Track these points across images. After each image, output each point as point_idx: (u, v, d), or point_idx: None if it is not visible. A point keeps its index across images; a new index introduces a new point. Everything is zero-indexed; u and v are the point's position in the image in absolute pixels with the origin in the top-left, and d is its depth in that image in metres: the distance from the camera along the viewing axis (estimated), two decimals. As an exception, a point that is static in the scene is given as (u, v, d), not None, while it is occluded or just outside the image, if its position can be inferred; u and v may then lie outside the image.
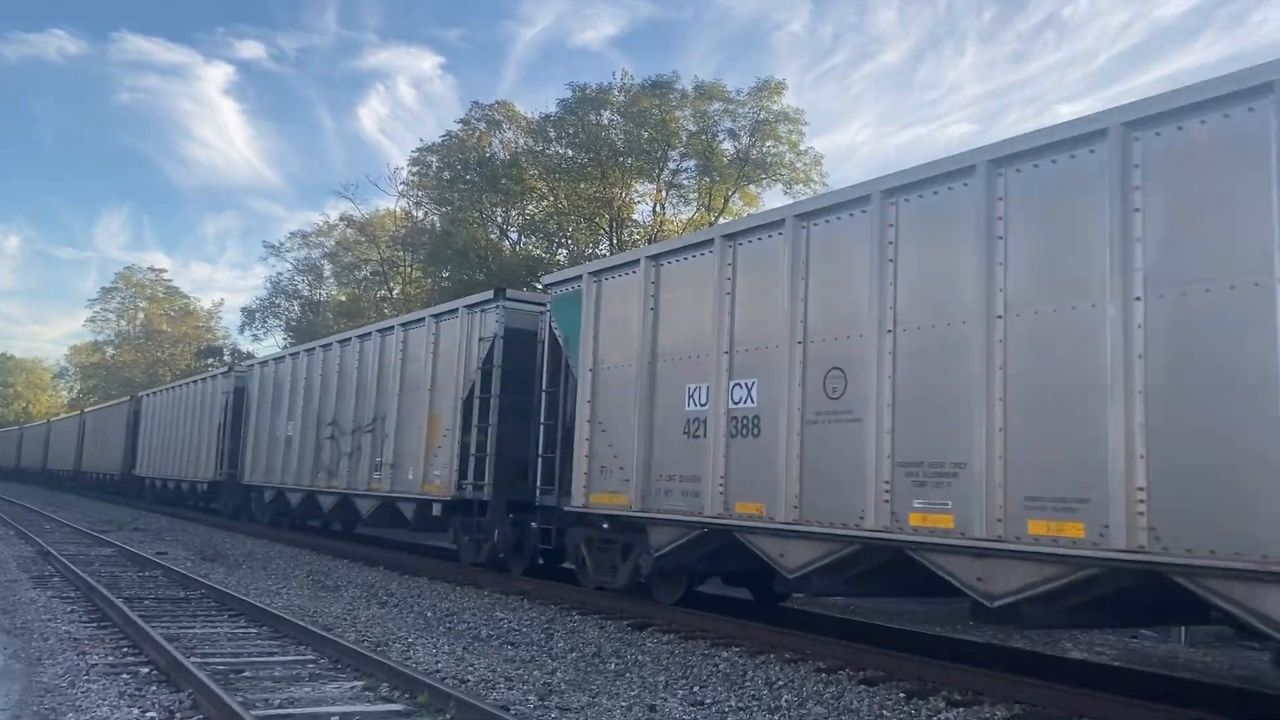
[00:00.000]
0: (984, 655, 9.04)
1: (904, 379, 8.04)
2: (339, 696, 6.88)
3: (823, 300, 8.93)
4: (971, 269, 7.57)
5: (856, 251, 8.56)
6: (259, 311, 54.77)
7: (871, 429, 8.17)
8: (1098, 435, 6.61)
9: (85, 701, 6.50)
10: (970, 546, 7.33)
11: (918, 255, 8.09)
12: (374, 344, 18.04)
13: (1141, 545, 6.31)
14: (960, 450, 7.47)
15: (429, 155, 39.85)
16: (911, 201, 8.21)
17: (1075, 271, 6.95)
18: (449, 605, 11.85)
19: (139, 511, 30.42)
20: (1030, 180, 7.32)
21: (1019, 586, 7.12)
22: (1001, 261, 7.38)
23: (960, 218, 7.75)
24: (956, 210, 7.80)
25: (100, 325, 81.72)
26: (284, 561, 16.64)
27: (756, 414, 9.45)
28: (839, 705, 7.22)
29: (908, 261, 8.15)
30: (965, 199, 7.73)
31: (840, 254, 8.81)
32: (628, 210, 35.07)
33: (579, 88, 33.66)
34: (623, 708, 6.80)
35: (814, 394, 8.82)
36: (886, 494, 8.01)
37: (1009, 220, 7.41)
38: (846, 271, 8.69)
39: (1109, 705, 6.90)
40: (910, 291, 8.10)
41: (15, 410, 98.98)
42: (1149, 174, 6.59)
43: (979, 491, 7.26)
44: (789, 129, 32.93)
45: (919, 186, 8.16)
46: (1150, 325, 6.46)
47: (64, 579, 13.22)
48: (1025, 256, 7.30)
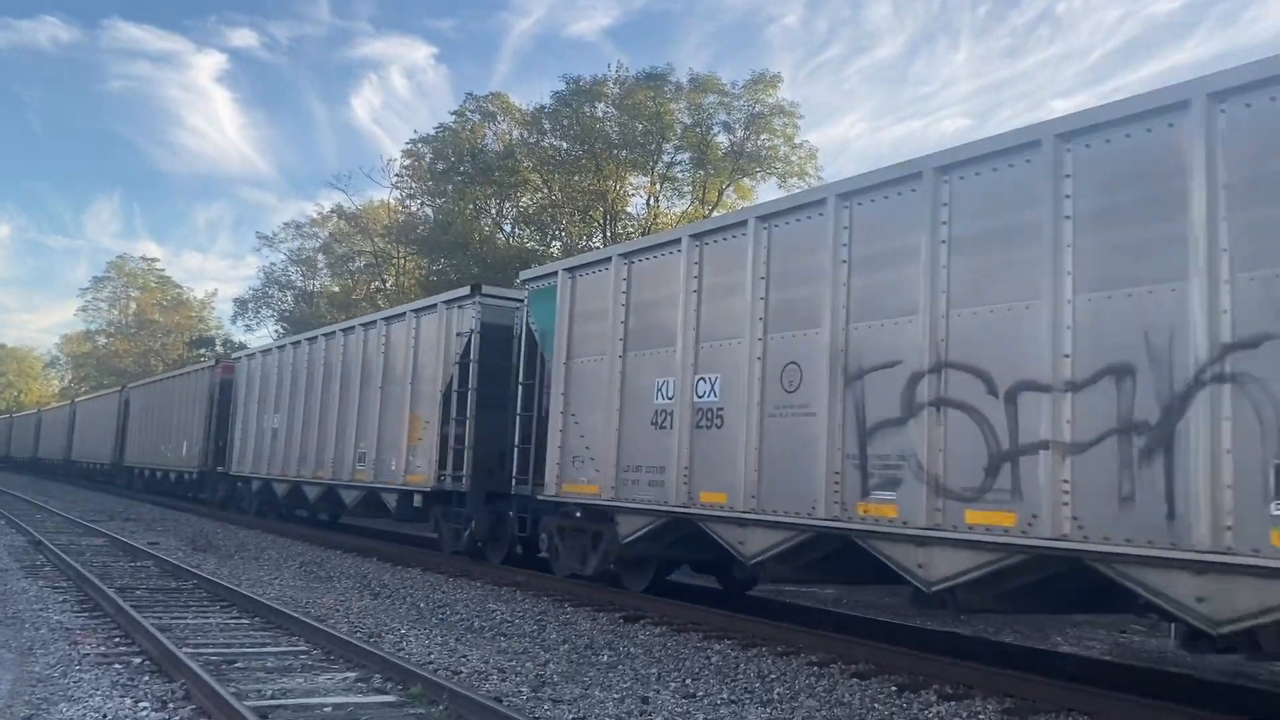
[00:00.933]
0: (975, 649, 9.08)
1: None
2: (332, 688, 6.89)
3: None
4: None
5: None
6: (252, 302, 54.70)
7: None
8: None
9: (77, 691, 6.49)
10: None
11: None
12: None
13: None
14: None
15: (423, 147, 39.77)
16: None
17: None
18: (442, 596, 11.86)
19: (130, 502, 30.37)
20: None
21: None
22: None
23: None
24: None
25: (92, 314, 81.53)
26: (276, 552, 16.63)
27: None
28: (831, 698, 7.24)
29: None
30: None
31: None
32: (622, 203, 35.06)
33: (573, 80, 33.63)
34: (615, 699, 6.82)
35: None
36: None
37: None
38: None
39: (1099, 700, 6.93)
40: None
41: (7, 399, 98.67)
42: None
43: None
44: (784, 122, 32.95)
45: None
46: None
47: (56, 569, 13.20)
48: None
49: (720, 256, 10.05)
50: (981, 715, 6.82)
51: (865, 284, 8.45)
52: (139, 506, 28.13)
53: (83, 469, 44.77)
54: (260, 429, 22.78)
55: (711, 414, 9.85)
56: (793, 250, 9.23)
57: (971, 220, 7.67)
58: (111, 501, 30.36)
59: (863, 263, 8.49)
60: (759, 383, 9.29)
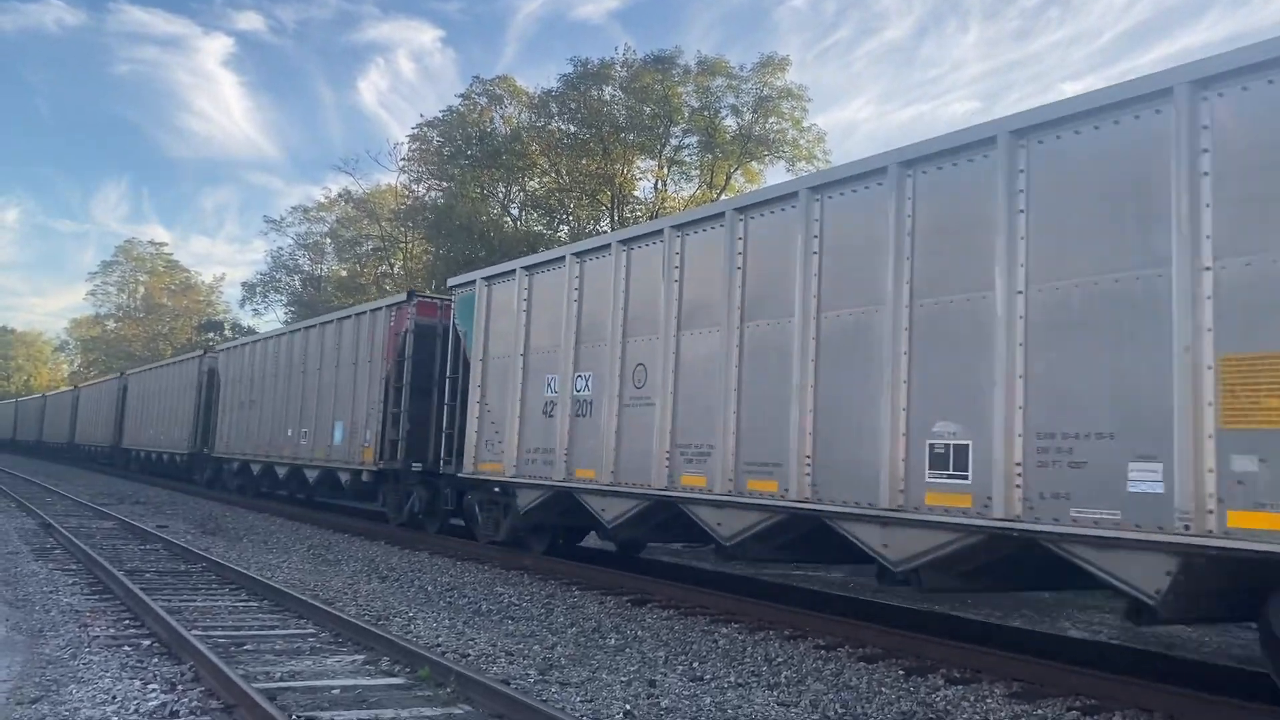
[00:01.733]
0: (983, 633, 9.08)
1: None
2: (340, 670, 6.91)
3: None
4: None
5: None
6: (260, 286, 54.81)
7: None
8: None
9: (87, 673, 6.52)
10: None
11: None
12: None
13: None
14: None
15: (430, 130, 39.71)
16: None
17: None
18: (449, 580, 11.89)
19: (139, 485, 30.51)
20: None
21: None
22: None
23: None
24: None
25: (101, 299, 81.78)
26: (284, 536, 16.69)
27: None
28: (838, 682, 7.25)
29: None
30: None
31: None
32: (629, 186, 34.99)
33: (580, 62, 33.55)
34: (623, 682, 6.83)
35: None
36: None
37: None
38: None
39: (1107, 683, 6.93)
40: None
41: (16, 383, 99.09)
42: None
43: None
44: (792, 105, 32.83)
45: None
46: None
47: (66, 551, 13.26)
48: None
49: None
50: (989, 699, 6.82)
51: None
52: (148, 490, 28.26)
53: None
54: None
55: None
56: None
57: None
58: (119, 485, 30.51)
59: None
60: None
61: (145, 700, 5.84)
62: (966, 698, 6.85)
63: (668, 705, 6.23)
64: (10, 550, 13.17)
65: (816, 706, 6.53)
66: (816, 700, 6.69)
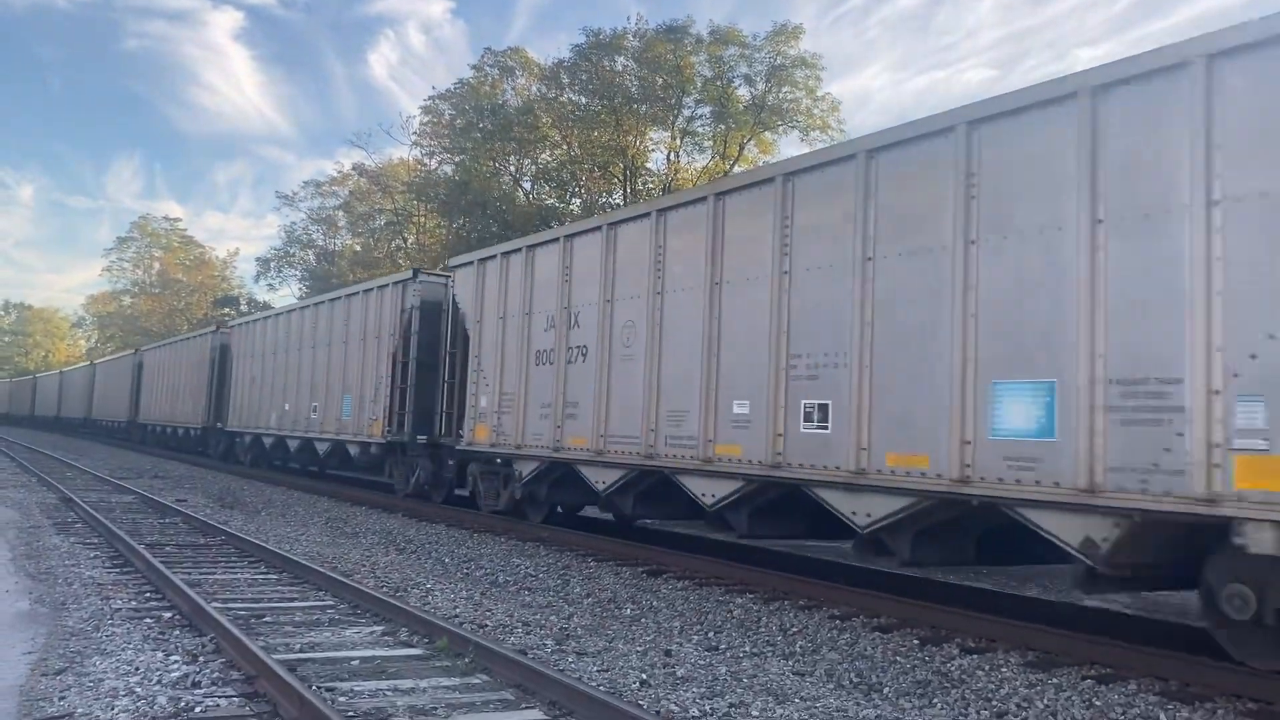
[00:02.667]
0: (998, 603, 9.10)
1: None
2: (359, 641, 6.98)
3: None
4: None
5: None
6: (274, 261, 54.90)
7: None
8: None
9: (110, 645, 6.60)
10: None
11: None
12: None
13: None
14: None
15: (441, 103, 39.56)
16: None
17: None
18: (466, 551, 11.97)
19: (157, 460, 30.78)
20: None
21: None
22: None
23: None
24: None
25: (117, 275, 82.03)
26: (302, 509, 16.82)
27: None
28: (853, 651, 7.28)
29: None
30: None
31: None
32: (642, 158, 34.81)
33: (592, 33, 33.27)
34: (639, 652, 6.88)
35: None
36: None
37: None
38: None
39: (1121, 652, 6.94)
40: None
41: (35, 359, 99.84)
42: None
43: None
44: (806, 74, 32.51)
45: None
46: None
47: (86, 525, 13.40)
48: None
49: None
50: (1004, 668, 6.84)
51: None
52: (165, 464, 28.50)
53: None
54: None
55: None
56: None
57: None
58: (138, 459, 30.77)
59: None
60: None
61: (168, 671, 5.92)
62: (981, 666, 6.87)
63: (683, 674, 6.28)
64: (32, 524, 13.32)
65: (831, 676, 6.57)
66: (831, 670, 6.72)
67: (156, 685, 5.63)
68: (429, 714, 5.27)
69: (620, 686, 5.92)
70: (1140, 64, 6.73)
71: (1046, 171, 7.14)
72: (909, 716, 5.62)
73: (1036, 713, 5.86)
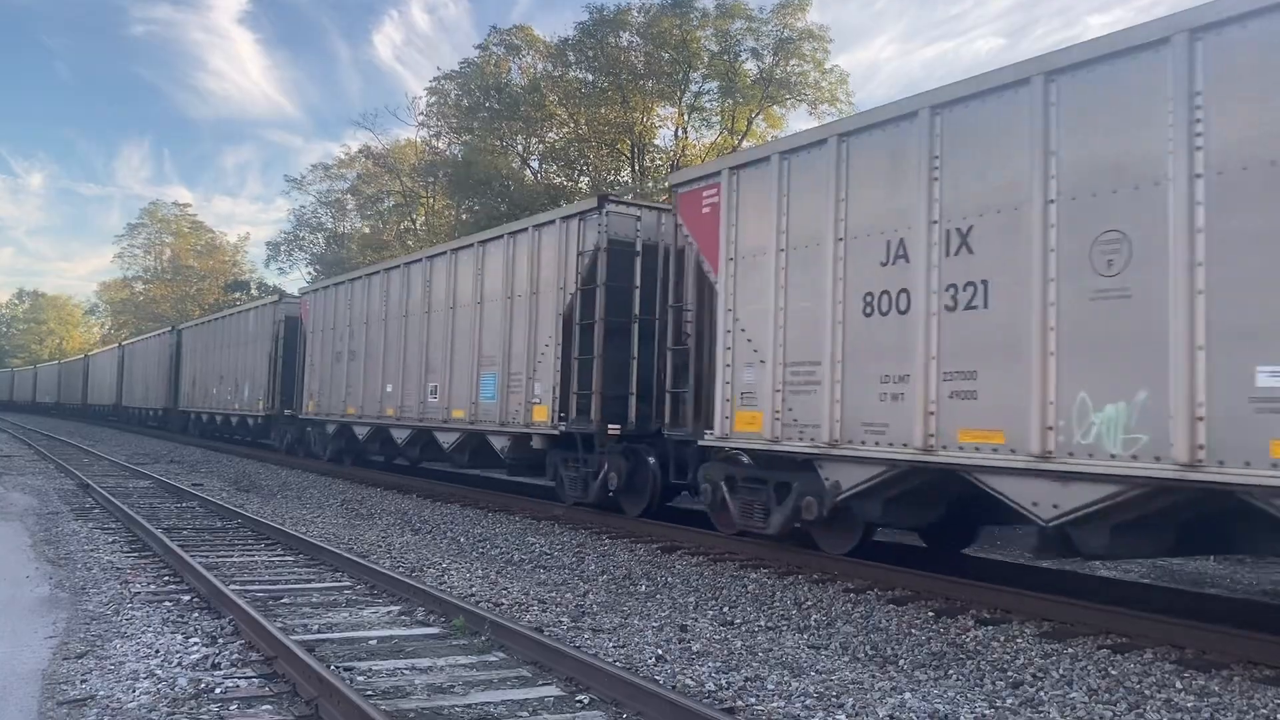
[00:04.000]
0: (1012, 574, 9.10)
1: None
2: (376, 621, 7.03)
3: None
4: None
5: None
6: (284, 245, 55.02)
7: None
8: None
9: (130, 628, 6.66)
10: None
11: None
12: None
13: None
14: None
15: (447, 84, 39.46)
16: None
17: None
18: (481, 531, 12.02)
19: (175, 445, 30.90)
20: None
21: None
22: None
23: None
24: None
25: (128, 261, 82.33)
26: (318, 492, 16.91)
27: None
28: (868, 624, 7.30)
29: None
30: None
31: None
32: (649, 135, 34.65)
33: (597, 9, 33.06)
34: (654, 628, 6.91)
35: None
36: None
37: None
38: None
39: (1136, 622, 6.94)
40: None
41: (49, 346, 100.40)
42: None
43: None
44: (813, 47, 32.28)
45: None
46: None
47: (104, 511, 13.51)
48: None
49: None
50: (1019, 639, 6.85)
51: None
52: (183, 450, 28.65)
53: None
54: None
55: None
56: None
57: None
58: (156, 445, 30.92)
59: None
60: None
61: (187, 654, 5.97)
62: (996, 638, 6.88)
63: (699, 649, 6.31)
64: (51, 510, 13.43)
65: (847, 649, 6.58)
66: (847, 642, 6.74)
67: (177, 667, 5.68)
68: (447, 692, 5.31)
69: (636, 662, 5.95)
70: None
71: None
72: (924, 688, 5.64)
73: (1052, 683, 5.87)
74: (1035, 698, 5.58)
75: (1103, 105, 7.04)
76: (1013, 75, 7.63)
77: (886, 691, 5.51)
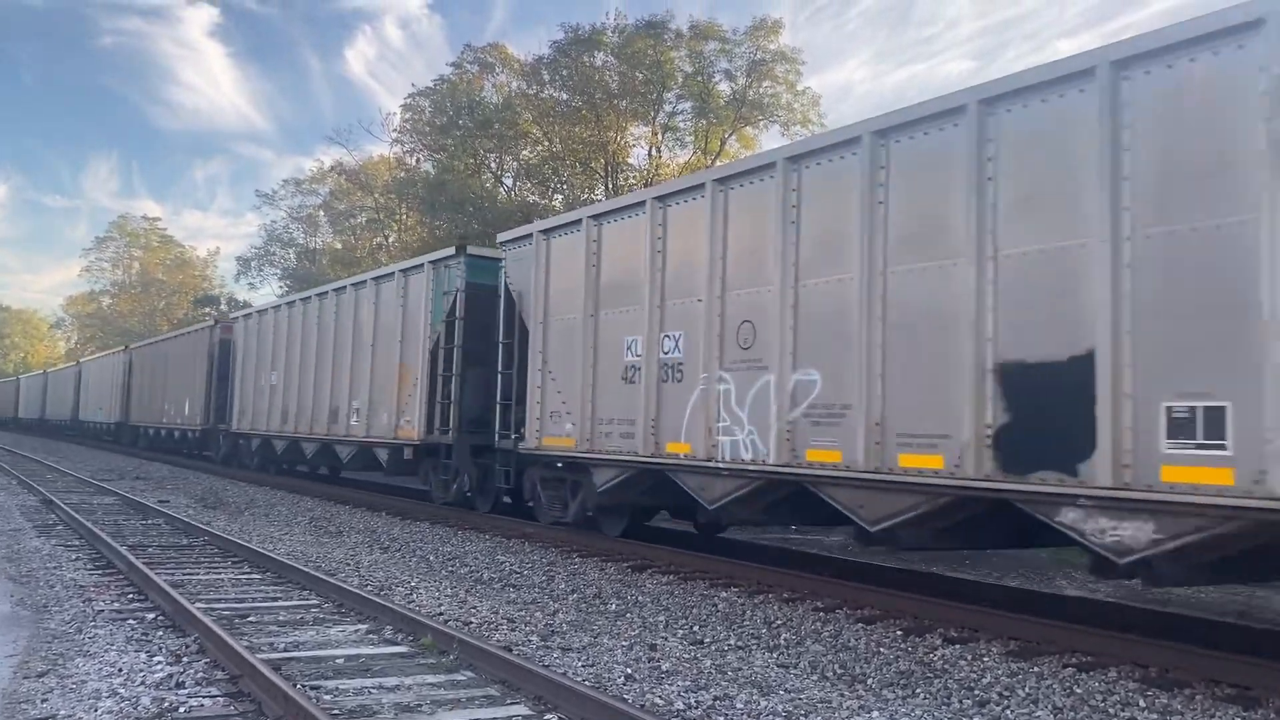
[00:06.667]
0: (981, 593, 9.16)
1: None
2: (343, 640, 6.97)
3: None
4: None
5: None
6: (254, 260, 54.64)
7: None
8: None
9: (93, 647, 6.57)
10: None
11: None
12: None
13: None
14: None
15: (422, 100, 39.42)
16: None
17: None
18: (451, 549, 11.96)
19: (140, 461, 30.57)
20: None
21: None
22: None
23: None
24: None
25: (96, 275, 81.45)
26: (285, 508, 16.76)
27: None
28: (837, 643, 7.32)
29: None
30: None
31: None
32: (623, 154, 34.75)
33: (571, 28, 33.19)
34: (624, 647, 6.90)
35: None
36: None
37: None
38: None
39: (1103, 641, 7.01)
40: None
41: (13, 361, 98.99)
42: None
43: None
44: (786, 69, 32.55)
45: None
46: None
47: (68, 527, 13.32)
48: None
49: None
50: (986, 657, 6.90)
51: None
52: (148, 465, 28.32)
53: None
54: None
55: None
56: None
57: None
58: (120, 461, 30.57)
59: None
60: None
61: (151, 672, 5.90)
62: (964, 656, 6.92)
63: (668, 669, 6.30)
64: (13, 527, 13.22)
65: (815, 667, 6.60)
66: (816, 661, 6.76)
67: (140, 686, 5.61)
68: (414, 711, 5.28)
69: (605, 681, 5.94)
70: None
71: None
72: (892, 707, 5.66)
73: (1018, 701, 5.91)
74: (1001, 716, 5.62)
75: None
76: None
77: (854, 710, 5.53)
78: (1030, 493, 6.94)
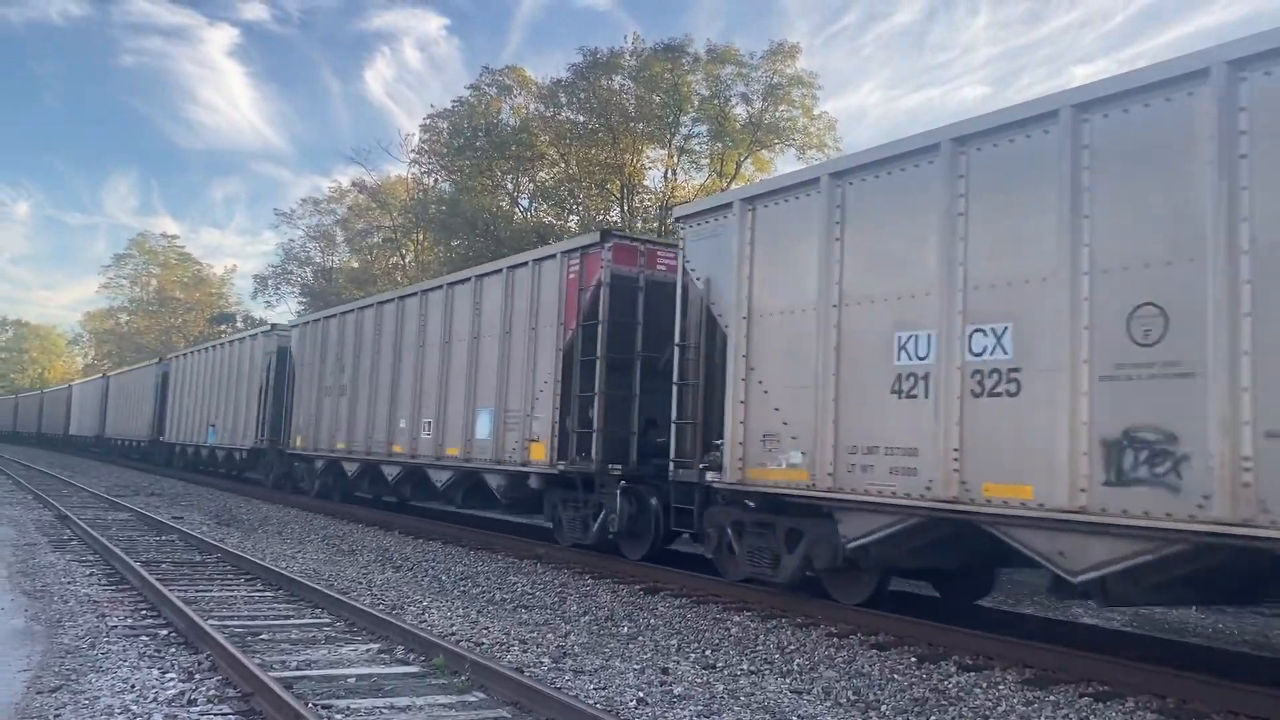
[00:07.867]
0: (995, 621, 9.09)
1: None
2: (355, 659, 6.96)
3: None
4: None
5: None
6: (271, 278, 55.04)
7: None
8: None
9: (106, 663, 6.59)
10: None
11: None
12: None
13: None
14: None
15: (440, 121, 39.72)
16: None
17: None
18: (463, 569, 11.95)
19: (156, 477, 30.63)
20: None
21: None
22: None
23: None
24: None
25: (114, 291, 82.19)
26: (299, 527, 16.78)
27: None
28: (850, 669, 7.27)
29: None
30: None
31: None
32: (639, 176, 34.91)
33: (589, 52, 33.44)
34: (636, 670, 6.87)
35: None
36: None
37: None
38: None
39: (1119, 670, 6.94)
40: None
41: (31, 376, 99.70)
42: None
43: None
44: (803, 93, 32.68)
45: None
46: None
47: (82, 543, 13.37)
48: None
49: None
50: (1001, 685, 6.84)
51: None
52: (163, 482, 28.40)
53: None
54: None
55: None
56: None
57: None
58: (137, 477, 30.66)
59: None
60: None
61: (164, 689, 5.90)
62: (979, 684, 6.87)
63: (680, 693, 6.27)
64: (28, 541, 13.28)
65: (829, 694, 6.56)
66: (829, 687, 6.71)
67: (152, 703, 5.61)
68: (425, 732, 5.26)
69: (617, 704, 5.91)
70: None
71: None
72: (906, 734, 5.61)
73: (1034, 730, 5.85)
74: (1017, 745, 5.56)
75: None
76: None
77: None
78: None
